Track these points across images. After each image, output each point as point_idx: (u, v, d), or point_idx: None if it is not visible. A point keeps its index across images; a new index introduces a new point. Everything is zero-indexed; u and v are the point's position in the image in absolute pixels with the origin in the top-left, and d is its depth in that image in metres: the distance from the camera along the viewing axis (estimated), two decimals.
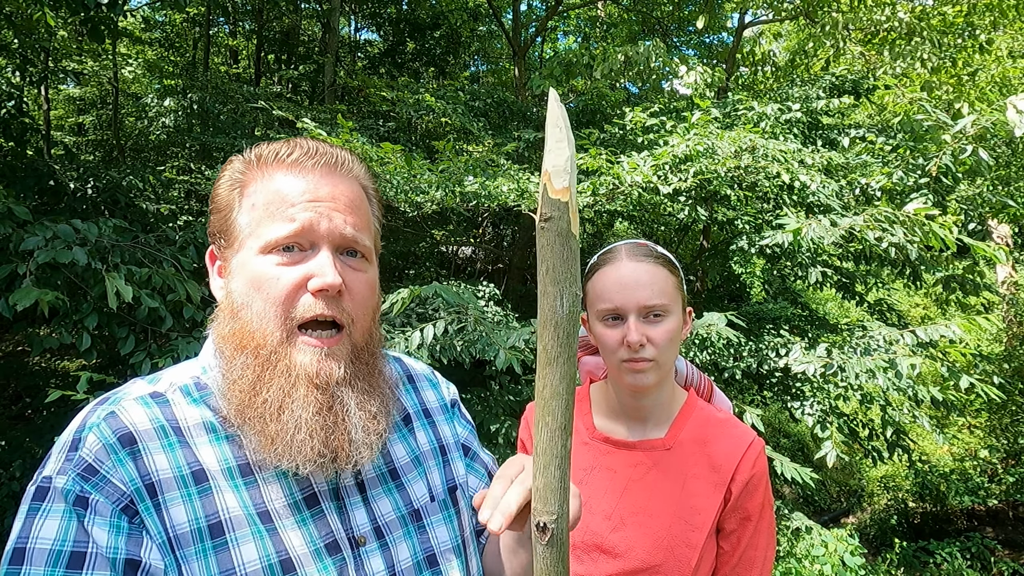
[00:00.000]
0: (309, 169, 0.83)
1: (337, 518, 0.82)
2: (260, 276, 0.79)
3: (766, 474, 1.25)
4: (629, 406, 1.27)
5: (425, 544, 0.88)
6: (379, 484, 0.88)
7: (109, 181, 5.07)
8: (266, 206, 0.81)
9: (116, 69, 10.42)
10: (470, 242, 8.78)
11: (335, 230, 0.81)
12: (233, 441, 0.80)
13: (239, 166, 0.87)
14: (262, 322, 0.79)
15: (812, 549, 4.24)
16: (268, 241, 0.80)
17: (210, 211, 0.88)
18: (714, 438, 1.25)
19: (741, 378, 4.30)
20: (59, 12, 5.01)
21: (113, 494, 0.70)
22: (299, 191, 0.81)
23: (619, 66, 5.80)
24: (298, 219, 0.80)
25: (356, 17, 12.36)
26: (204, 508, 0.74)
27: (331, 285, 0.78)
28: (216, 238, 0.87)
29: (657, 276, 1.20)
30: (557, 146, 0.61)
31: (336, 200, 0.83)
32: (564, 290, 0.63)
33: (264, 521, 0.77)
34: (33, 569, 0.64)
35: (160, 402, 0.80)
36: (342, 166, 0.87)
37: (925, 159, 4.17)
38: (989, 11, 7.50)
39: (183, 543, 0.71)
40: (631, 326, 1.17)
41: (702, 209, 4.73)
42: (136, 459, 0.73)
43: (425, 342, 2.79)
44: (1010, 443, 8.05)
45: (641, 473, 1.24)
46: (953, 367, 3.43)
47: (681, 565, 1.18)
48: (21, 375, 5.94)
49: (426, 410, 1.02)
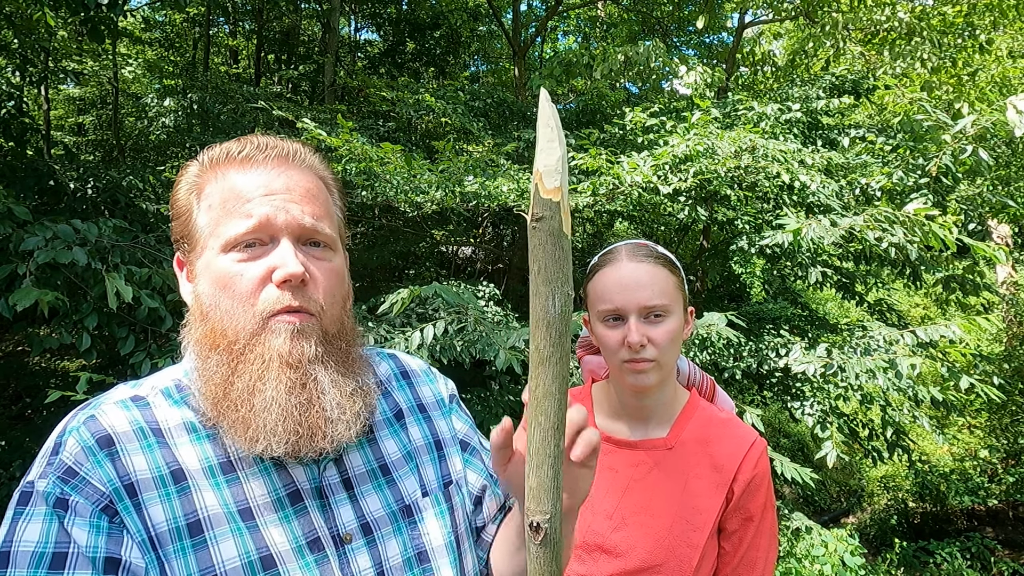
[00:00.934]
0: (260, 162, 0.83)
1: (320, 516, 0.81)
2: (224, 275, 0.79)
3: (768, 475, 1.25)
4: (631, 406, 1.27)
5: (416, 540, 0.87)
6: (368, 480, 0.87)
7: (109, 181, 5.06)
8: (222, 204, 0.81)
9: (116, 69, 10.42)
10: (470, 242, 8.78)
11: (293, 221, 0.81)
12: (214, 440, 0.80)
13: (195, 170, 0.86)
14: (231, 320, 0.79)
15: (812, 549, 4.24)
16: (228, 239, 0.79)
17: (171, 218, 0.88)
18: (716, 438, 1.25)
19: (741, 378, 4.29)
20: (59, 12, 5.01)
21: (92, 495, 0.71)
22: (253, 186, 0.81)
23: (619, 66, 5.80)
24: (255, 214, 0.79)
25: (356, 17, 12.36)
26: (183, 507, 0.74)
27: (293, 275, 0.78)
28: (180, 243, 0.87)
29: (657, 276, 1.19)
30: (548, 146, 0.61)
31: (292, 191, 0.83)
32: (556, 290, 0.63)
33: (245, 518, 0.77)
34: (17, 571, 0.66)
35: (140, 405, 0.80)
36: (295, 157, 0.86)
37: (925, 159, 4.17)
38: (989, 11, 7.50)
39: (163, 542, 0.72)
40: (632, 327, 1.17)
41: (702, 209, 4.73)
42: (114, 460, 0.73)
43: (425, 342, 2.79)
44: (1010, 443, 8.05)
45: (643, 473, 1.24)
46: (953, 367, 3.43)
47: (682, 565, 1.18)
48: (21, 375, 5.94)
49: (421, 405, 1.01)
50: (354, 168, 4.26)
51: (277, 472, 0.81)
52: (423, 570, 0.86)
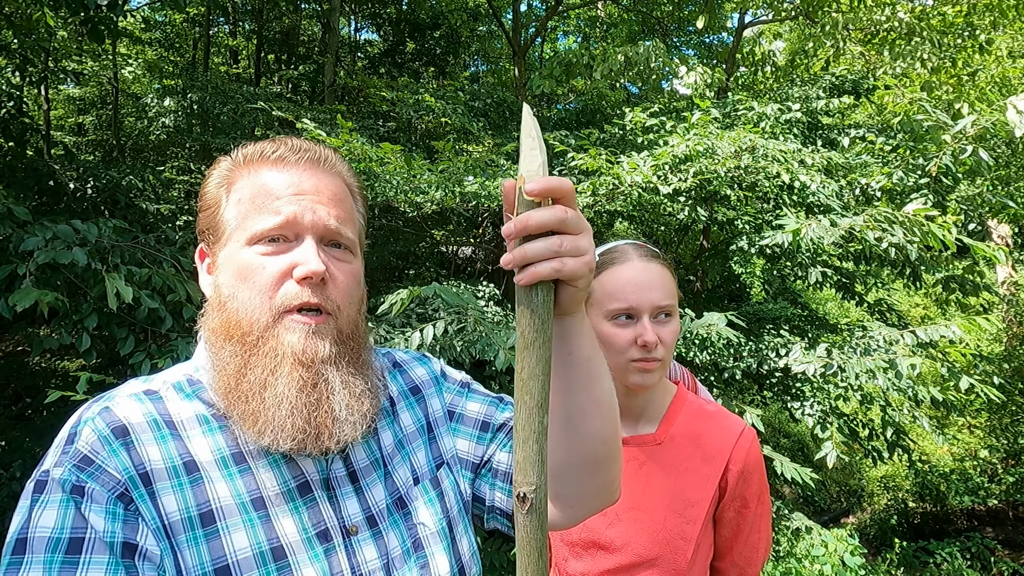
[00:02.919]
0: (293, 164, 0.87)
1: (329, 507, 0.83)
2: (246, 266, 0.82)
3: (761, 461, 1.27)
4: (622, 404, 1.28)
5: (411, 531, 0.88)
6: (373, 471, 0.89)
7: (109, 181, 5.07)
8: (252, 200, 0.84)
9: (116, 69, 10.42)
10: (470, 242, 8.78)
11: (319, 222, 0.84)
12: (226, 431, 0.81)
13: (227, 165, 0.89)
14: (248, 311, 0.81)
15: (812, 549, 4.24)
16: (254, 233, 0.82)
17: (199, 209, 0.90)
18: (706, 430, 1.27)
19: (741, 378, 4.29)
20: (59, 12, 5.01)
21: (108, 482, 0.72)
22: (284, 185, 0.84)
23: (619, 66, 5.81)
24: (283, 211, 0.82)
25: (356, 17, 12.36)
26: (195, 497, 0.76)
27: (315, 272, 0.80)
28: (205, 235, 0.89)
29: (666, 277, 1.23)
30: (530, 153, 0.69)
31: (320, 193, 0.86)
32: (538, 282, 0.70)
33: (257, 508, 0.78)
34: (35, 556, 0.67)
35: (153, 398, 0.82)
36: (325, 162, 0.90)
37: (925, 159, 4.17)
38: (989, 11, 7.50)
39: (175, 531, 0.73)
40: (646, 326, 1.19)
41: (702, 209, 4.73)
42: (129, 449, 0.75)
43: (425, 342, 2.79)
44: (1010, 443, 8.05)
45: (634, 469, 1.26)
46: (953, 367, 3.43)
47: (677, 558, 1.20)
48: (21, 375, 5.94)
49: (414, 387, 1.01)
50: (354, 168, 4.26)
51: (287, 464, 0.82)
52: (418, 558, 0.87)
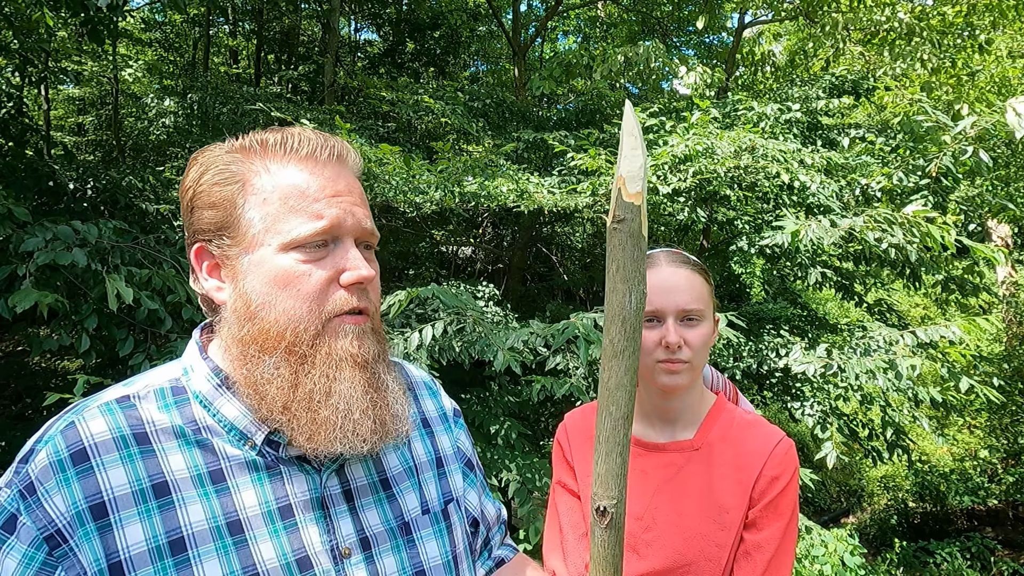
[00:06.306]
0: (323, 163, 0.82)
1: (322, 527, 0.79)
2: (287, 274, 0.77)
3: (796, 474, 1.27)
4: (659, 408, 1.30)
5: (414, 559, 0.86)
6: (369, 493, 0.86)
7: (109, 181, 5.06)
8: (283, 201, 0.79)
9: (116, 70, 10.41)
10: (470, 242, 8.78)
11: (358, 224, 0.82)
12: (205, 447, 0.77)
13: (229, 157, 0.82)
14: (293, 320, 0.77)
15: (812, 549, 4.24)
16: (294, 238, 0.77)
17: (195, 207, 0.82)
18: (742, 439, 1.28)
19: (741, 378, 4.30)
20: (59, 13, 5.01)
21: (42, 519, 0.68)
22: (317, 186, 0.80)
23: (619, 66, 5.81)
24: (326, 215, 0.79)
25: (356, 17, 12.36)
26: (164, 524, 0.71)
27: (366, 278, 0.80)
28: (211, 235, 0.81)
29: (695, 282, 1.25)
30: (632, 153, 0.66)
31: (352, 193, 0.83)
32: (633, 288, 0.68)
33: (233, 532, 0.74)
34: None
35: (126, 407, 0.77)
36: (348, 158, 0.87)
37: (925, 160, 4.17)
38: (989, 11, 7.50)
39: (138, 564, 0.69)
40: (670, 327, 1.21)
41: (701, 209, 4.73)
42: (85, 478, 0.70)
43: (424, 343, 2.79)
44: (1010, 443, 8.05)
45: (671, 474, 1.28)
46: (953, 368, 3.43)
47: (711, 564, 1.21)
48: (21, 375, 5.95)
49: (425, 419, 1.00)
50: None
51: (272, 483, 0.79)
52: None
